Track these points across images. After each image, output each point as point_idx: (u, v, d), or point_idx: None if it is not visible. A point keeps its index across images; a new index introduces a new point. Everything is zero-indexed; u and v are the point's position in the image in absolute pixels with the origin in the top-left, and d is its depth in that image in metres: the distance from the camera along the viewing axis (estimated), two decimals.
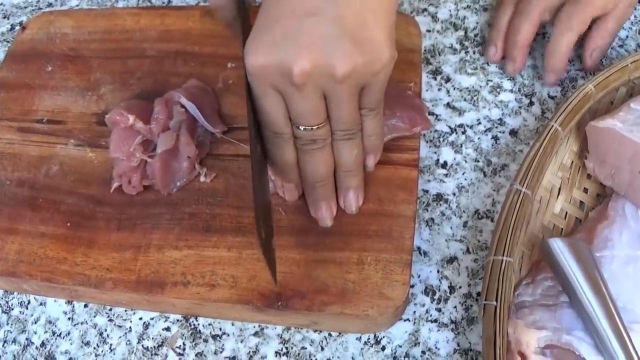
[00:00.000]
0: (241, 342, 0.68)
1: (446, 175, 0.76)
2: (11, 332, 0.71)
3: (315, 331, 0.68)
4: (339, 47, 0.55)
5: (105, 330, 0.70)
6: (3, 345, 0.70)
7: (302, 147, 0.62)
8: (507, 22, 0.81)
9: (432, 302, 0.69)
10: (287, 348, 0.68)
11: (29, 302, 0.72)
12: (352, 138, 0.63)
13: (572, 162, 0.74)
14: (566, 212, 0.71)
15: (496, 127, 0.78)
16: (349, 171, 0.66)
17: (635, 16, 0.86)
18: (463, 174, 0.75)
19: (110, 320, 0.70)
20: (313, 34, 0.54)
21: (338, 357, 0.67)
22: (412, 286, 0.69)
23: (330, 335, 0.68)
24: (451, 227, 0.73)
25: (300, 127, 0.60)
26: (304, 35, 0.54)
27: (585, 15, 0.77)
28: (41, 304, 0.72)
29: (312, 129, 0.60)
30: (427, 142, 0.78)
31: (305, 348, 0.67)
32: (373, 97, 0.61)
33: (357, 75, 0.56)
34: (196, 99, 0.73)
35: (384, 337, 0.67)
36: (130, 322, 0.70)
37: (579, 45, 0.80)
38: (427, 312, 0.69)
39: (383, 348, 0.67)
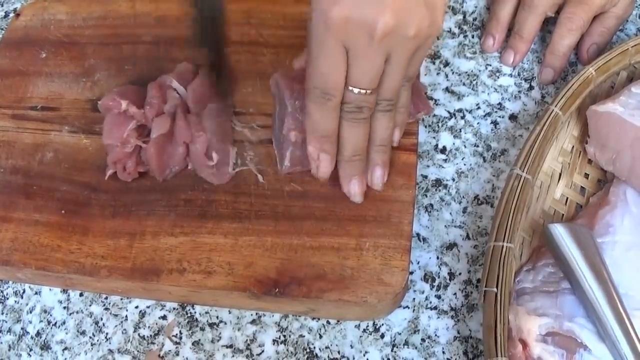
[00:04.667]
0: (238, 330, 0.68)
1: (445, 160, 0.75)
2: (6, 322, 0.70)
3: (313, 319, 0.68)
4: (415, 8, 0.56)
5: (101, 319, 0.69)
6: None
7: (347, 114, 0.62)
8: (508, 13, 0.81)
9: (431, 289, 0.69)
10: (284, 336, 0.67)
11: (23, 291, 0.72)
12: (391, 110, 0.63)
13: (573, 147, 0.73)
14: (567, 198, 0.70)
15: (496, 111, 0.78)
16: (382, 146, 0.66)
17: None
18: (462, 159, 0.75)
19: (106, 309, 0.70)
20: None
21: (336, 345, 0.66)
22: (411, 273, 0.69)
23: (328, 322, 0.67)
24: (450, 213, 0.72)
25: (354, 90, 0.60)
26: None
27: (587, 16, 0.77)
28: (36, 293, 0.71)
29: (366, 92, 0.60)
30: (425, 126, 0.77)
31: (303, 336, 0.67)
32: (416, 64, 0.62)
33: (421, 36, 0.58)
34: (189, 83, 0.72)
35: (382, 324, 0.67)
36: (126, 310, 0.70)
37: None
38: (426, 299, 0.68)
39: (382, 335, 0.66)
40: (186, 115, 0.70)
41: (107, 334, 0.69)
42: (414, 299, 0.68)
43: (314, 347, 0.66)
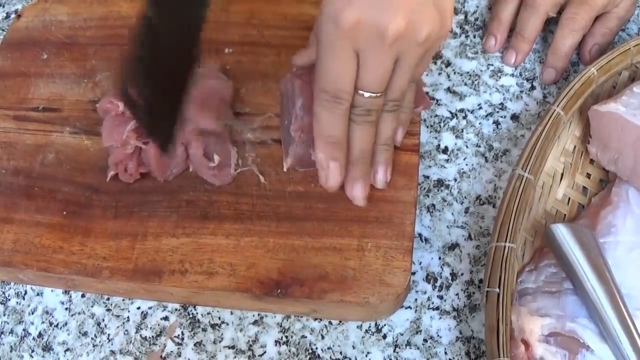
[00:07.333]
0: (240, 331, 0.67)
1: (447, 160, 0.75)
2: (8, 323, 0.70)
3: (315, 319, 0.67)
4: (426, 11, 0.56)
5: (103, 320, 0.69)
6: (0, 337, 0.69)
7: (356, 117, 0.61)
8: (510, 14, 0.81)
9: (433, 290, 0.68)
10: (287, 337, 0.67)
11: (25, 293, 0.72)
12: (396, 110, 0.63)
13: (575, 147, 0.73)
14: (569, 198, 0.70)
15: (497, 111, 0.78)
16: (385, 145, 0.65)
17: None
18: (464, 159, 0.75)
19: (108, 309, 0.70)
20: None
21: (339, 346, 0.66)
22: (413, 273, 0.69)
23: (330, 323, 0.67)
24: (452, 213, 0.72)
25: (365, 94, 0.59)
26: None
27: (589, 16, 0.77)
28: (38, 294, 0.71)
29: (375, 96, 0.60)
30: (427, 127, 0.77)
31: (305, 337, 0.67)
32: (424, 65, 0.62)
33: (431, 39, 0.57)
34: None
35: (385, 325, 0.67)
36: (128, 311, 0.69)
37: None
38: (428, 299, 0.68)
39: (384, 336, 0.66)
40: None
41: (109, 335, 0.69)
42: (416, 299, 0.68)
43: (316, 348, 0.66)
